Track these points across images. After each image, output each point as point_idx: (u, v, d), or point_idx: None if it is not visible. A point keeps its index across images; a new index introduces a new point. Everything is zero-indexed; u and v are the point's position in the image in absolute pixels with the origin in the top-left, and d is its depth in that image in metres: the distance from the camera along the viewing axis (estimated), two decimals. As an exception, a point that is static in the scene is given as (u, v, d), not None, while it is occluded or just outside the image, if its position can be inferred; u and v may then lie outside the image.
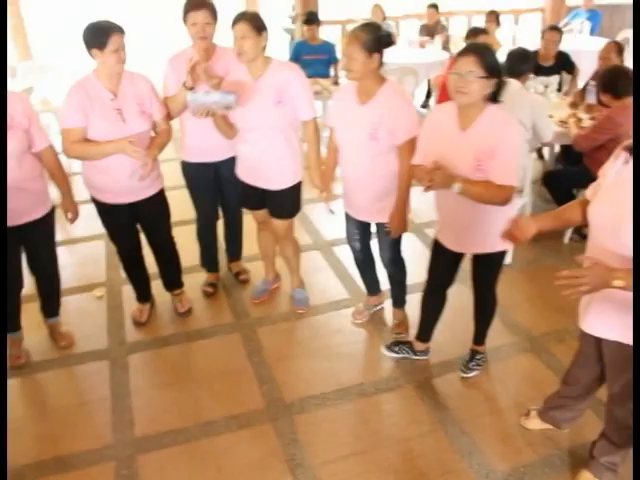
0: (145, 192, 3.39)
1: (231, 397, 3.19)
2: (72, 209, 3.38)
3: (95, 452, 2.91)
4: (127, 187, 3.30)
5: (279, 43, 9.90)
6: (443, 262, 3.08)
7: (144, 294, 3.87)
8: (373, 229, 3.42)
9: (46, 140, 3.15)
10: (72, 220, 3.41)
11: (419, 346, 3.39)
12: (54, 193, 3.29)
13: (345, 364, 3.41)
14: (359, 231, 3.45)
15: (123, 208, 3.39)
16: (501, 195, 2.56)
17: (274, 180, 3.42)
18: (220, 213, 3.98)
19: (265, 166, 3.37)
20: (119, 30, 3.03)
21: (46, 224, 3.29)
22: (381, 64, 2.92)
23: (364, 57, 2.82)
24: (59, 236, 3.82)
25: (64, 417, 3.14)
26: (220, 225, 4.04)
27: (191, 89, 3.19)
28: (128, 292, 3.97)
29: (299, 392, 3.21)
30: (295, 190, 3.50)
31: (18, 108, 2.98)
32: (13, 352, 3.50)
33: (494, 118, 2.58)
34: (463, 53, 2.54)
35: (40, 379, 3.44)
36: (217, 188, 3.76)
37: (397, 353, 3.39)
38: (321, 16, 7.18)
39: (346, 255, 4.36)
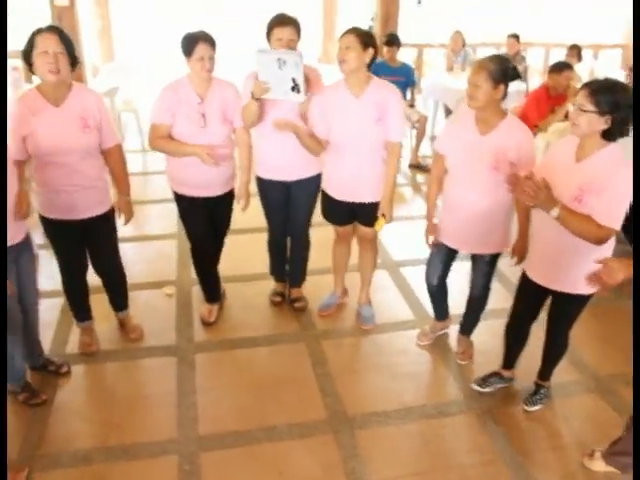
0: (220, 189, 3.56)
1: (294, 405, 3.23)
2: (127, 210, 3.44)
3: (159, 444, 2.98)
4: (204, 181, 3.46)
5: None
6: (529, 296, 3.06)
7: (214, 294, 3.95)
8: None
9: (115, 139, 3.28)
10: (126, 221, 3.47)
11: (506, 373, 3.36)
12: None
13: (408, 384, 3.41)
14: (443, 265, 3.44)
15: (200, 201, 3.53)
16: (598, 234, 2.52)
17: (368, 194, 3.48)
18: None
19: (361, 182, 3.43)
20: (206, 40, 3.19)
21: (108, 220, 3.38)
22: (504, 96, 2.95)
23: (489, 87, 2.86)
24: (132, 233, 3.98)
25: (131, 407, 3.22)
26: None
27: (258, 100, 3.25)
28: (198, 292, 4.07)
29: (362, 407, 3.22)
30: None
31: (94, 107, 3.12)
32: (85, 339, 3.63)
33: (612, 156, 2.55)
34: (582, 87, 2.55)
35: (108, 368, 3.55)
36: (287, 206, 3.78)
37: (490, 387, 3.33)
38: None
39: (413, 276, 4.40)
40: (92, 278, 3.56)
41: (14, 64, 7.47)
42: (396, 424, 3.12)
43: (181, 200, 3.60)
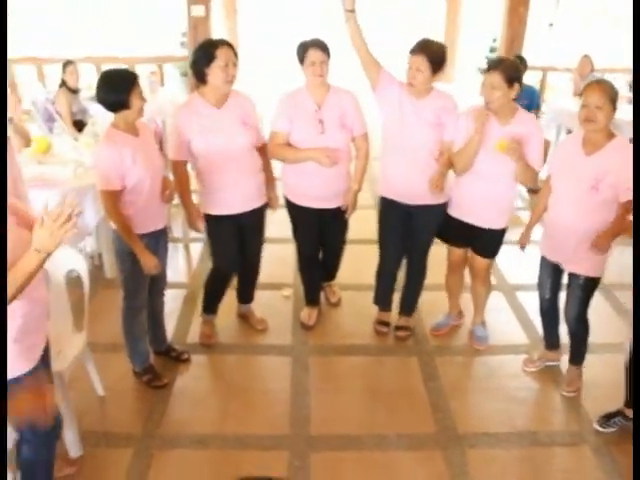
0: (332, 202, 3.63)
1: (404, 416, 3.26)
2: (275, 201, 3.65)
3: (272, 438, 3.10)
4: (317, 193, 3.57)
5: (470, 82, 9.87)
6: None
7: (314, 297, 4.06)
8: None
9: (263, 137, 3.50)
10: (274, 207, 3.67)
11: (630, 412, 3.18)
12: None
13: (520, 409, 3.35)
14: (551, 279, 3.41)
15: (313, 212, 3.64)
16: None
17: (490, 219, 3.48)
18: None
19: (488, 204, 3.43)
20: (318, 46, 3.32)
21: (262, 214, 3.59)
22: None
23: (610, 110, 2.84)
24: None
25: (246, 399, 3.37)
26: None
27: None
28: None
29: (472, 426, 3.21)
30: (504, 231, 3.54)
31: (250, 108, 3.36)
32: (205, 331, 3.82)
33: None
34: None
35: (226, 360, 3.73)
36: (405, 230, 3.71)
37: (613, 427, 3.19)
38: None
39: (529, 301, 4.31)
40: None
41: (152, 69, 7.99)
42: (506, 447, 3.08)
43: (291, 208, 3.73)
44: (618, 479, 2.91)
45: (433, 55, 3.21)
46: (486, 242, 3.57)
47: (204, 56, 3.09)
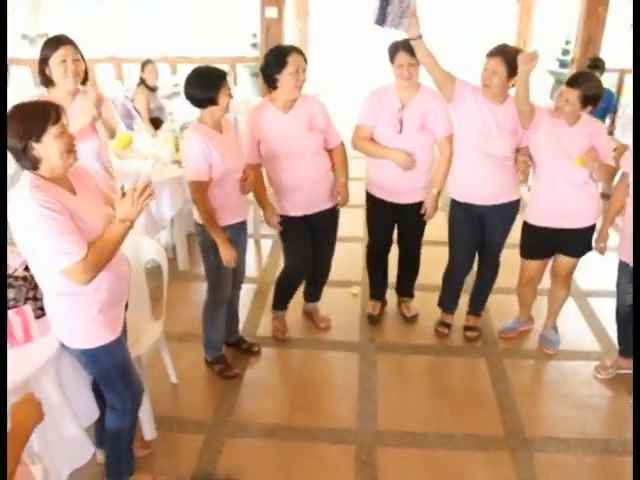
0: (409, 198, 3.65)
1: (472, 417, 3.25)
2: (345, 195, 3.62)
3: (339, 432, 3.14)
4: (395, 188, 3.60)
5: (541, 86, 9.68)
6: None
7: (378, 293, 4.12)
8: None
9: (338, 138, 3.52)
10: (343, 203, 3.65)
11: None
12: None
13: (591, 416, 3.29)
14: (633, 284, 3.31)
15: (388, 205, 3.68)
16: None
17: (580, 218, 3.43)
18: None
19: (575, 205, 3.39)
20: (405, 48, 3.31)
21: (334, 214, 3.64)
22: None
23: None
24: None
25: (315, 393, 3.44)
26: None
27: None
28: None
29: (541, 431, 3.17)
30: (594, 228, 3.49)
31: (317, 111, 3.39)
32: (278, 326, 3.90)
33: None
34: None
35: (295, 354, 3.81)
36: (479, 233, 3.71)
37: None
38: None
39: (601, 308, 4.23)
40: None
41: (226, 68, 8.16)
42: (576, 454, 3.03)
43: (369, 199, 3.79)
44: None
45: (510, 58, 3.19)
46: (577, 241, 3.50)
47: (275, 62, 3.16)
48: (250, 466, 2.93)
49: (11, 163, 2.10)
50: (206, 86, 2.91)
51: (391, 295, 4.22)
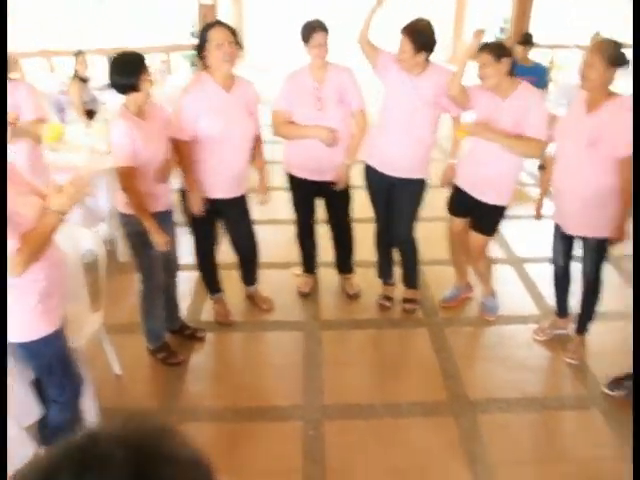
0: (332, 174, 3.69)
1: (416, 385, 3.31)
2: (265, 191, 3.69)
3: (285, 409, 3.16)
4: (316, 164, 3.64)
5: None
6: None
7: (311, 267, 4.18)
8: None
9: (259, 128, 3.52)
10: (263, 202, 3.71)
11: None
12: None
13: (531, 376, 3.40)
14: (565, 247, 3.45)
15: (310, 184, 3.74)
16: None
17: (491, 196, 3.51)
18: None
19: (490, 182, 3.47)
20: (322, 28, 3.39)
21: (243, 202, 3.60)
22: (612, 80, 2.97)
23: (603, 68, 2.86)
24: (262, 216, 4.24)
25: (259, 373, 3.44)
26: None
27: None
28: (326, 275, 4.26)
29: (483, 393, 3.26)
30: (502, 210, 3.57)
31: (253, 96, 3.40)
32: (220, 310, 3.88)
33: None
34: None
35: (239, 337, 3.80)
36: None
37: (623, 390, 3.23)
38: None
39: (537, 273, 4.35)
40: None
41: (163, 57, 8.07)
42: (517, 412, 3.13)
43: (291, 180, 3.84)
44: (624, 436, 2.95)
45: (415, 35, 3.26)
46: (484, 218, 3.61)
47: (201, 39, 3.14)
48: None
49: None
50: (126, 72, 2.87)
51: (333, 273, 4.25)
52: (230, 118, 3.25)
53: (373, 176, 3.71)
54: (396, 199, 3.68)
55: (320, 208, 3.98)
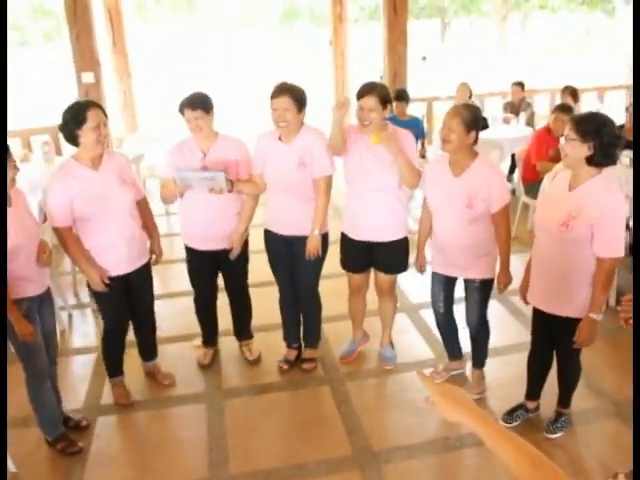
0: (224, 242, 3.75)
1: (321, 443, 3.34)
2: (159, 254, 3.75)
3: (191, 486, 3.11)
4: (208, 234, 3.70)
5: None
6: (542, 324, 3.21)
7: (211, 339, 4.18)
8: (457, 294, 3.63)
9: (142, 192, 3.62)
10: (157, 261, 3.75)
11: (531, 404, 3.44)
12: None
13: (431, 418, 3.47)
14: (444, 292, 3.61)
15: (207, 255, 3.78)
16: (609, 267, 2.84)
17: (385, 231, 3.62)
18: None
19: (383, 216, 3.59)
20: (190, 106, 3.50)
21: (148, 270, 3.64)
22: (475, 142, 3.21)
23: (462, 132, 3.09)
24: (160, 290, 4.22)
25: (164, 451, 3.37)
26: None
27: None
28: (225, 343, 4.25)
29: (387, 442, 3.33)
30: (404, 244, 3.71)
31: (126, 164, 3.48)
32: (120, 392, 3.78)
33: (599, 184, 2.79)
34: (569, 120, 2.85)
35: (141, 416, 3.71)
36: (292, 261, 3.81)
37: (516, 420, 3.39)
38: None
39: (431, 318, 4.50)
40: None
41: (44, 139, 7.93)
42: (419, 457, 3.21)
43: (188, 251, 3.88)
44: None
45: (381, 95, 3.37)
46: (389, 256, 3.71)
47: (74, 119, 3.13)
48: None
49: None
50: None
51: (232, 340, 4.25)
52: (104, 194, 3.26)
53: (272, 239, 3.78)
54: (298, 257, 3.72)
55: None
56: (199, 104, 3.50)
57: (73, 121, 3.14)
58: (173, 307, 4.84)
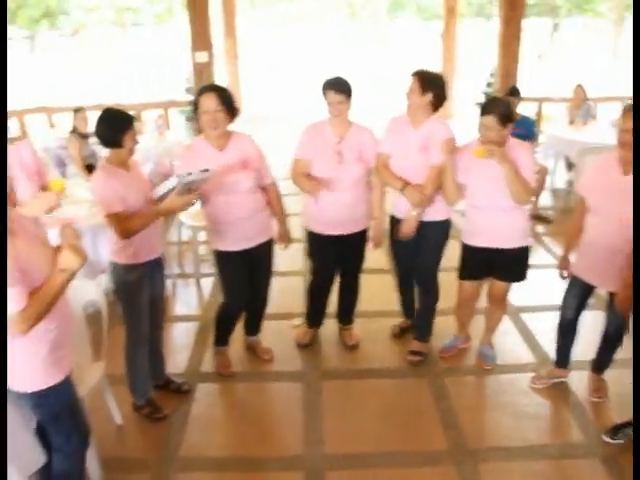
0: (352, 228, 3.78)
1: (416, 434, 3.33)
2: (286, 239, 3.81)
3: (286, 460, 3.17)
4: (334, 220, 3.72)
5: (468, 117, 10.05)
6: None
7: (317, 320, 4.20)
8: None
9: (270, 177, 3.62)
10: (285, 246, 3.85)
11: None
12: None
13: (530, 424, 3.41)
14: (579, 300, 3.48)
15: (330, 239, 3.79)
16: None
17: (510, 239, 3.55)
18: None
19: (504, 227, 3.52)
20: (334, 87, 3.54)
21: (269, 248, 3.70)
22: None
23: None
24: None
25: (260, 424, 3.45)
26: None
27: None
28: (324, 326, 4.28)
29: (484, 442, 3.27)
30: (527, 251, 3.64)
31: (251, 149, 3.49)
32: (222, 361, 3.91)
33: None
34: None
35: (239, 387, 3.82)
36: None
37: (622, 438, 3.23)
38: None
39: (534, 322, 4.40)
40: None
41: (159, 112, 8.25)
42: (519, 461, 3.14)
43: (311, 236, 3.90)
44: (628, 487, 2.96)
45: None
46: (510, 264, 3.64)
47: (194, 103, 3.29)
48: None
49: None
50: (113, 128, 2.98)
51: (331, 323, 4.29)
52: (225, 175, 3.33)
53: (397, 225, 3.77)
54: (422, 243, 3.74)
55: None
56: (344, 88, 3.53)
57: (194, 104, 3.30)
58: (275, 286, 4.92)
